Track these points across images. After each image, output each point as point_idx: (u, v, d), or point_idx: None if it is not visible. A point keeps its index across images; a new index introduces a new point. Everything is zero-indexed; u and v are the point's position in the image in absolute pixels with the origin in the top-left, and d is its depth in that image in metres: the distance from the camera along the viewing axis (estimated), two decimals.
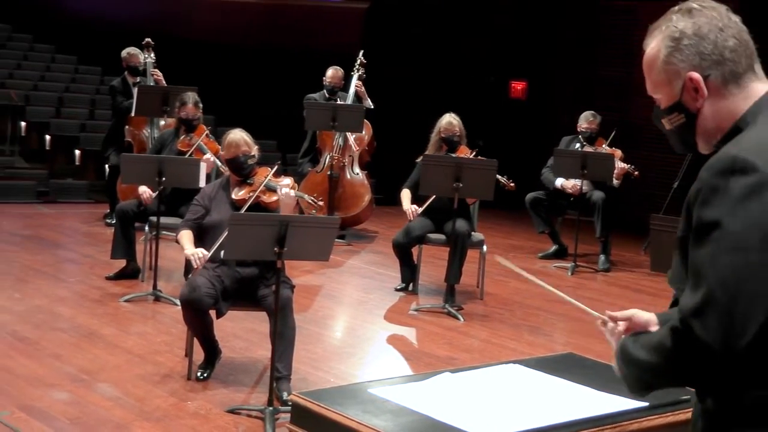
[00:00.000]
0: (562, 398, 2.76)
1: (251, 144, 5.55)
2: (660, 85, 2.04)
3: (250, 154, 5.52)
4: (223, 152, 5.59)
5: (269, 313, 5.14)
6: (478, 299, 7.84)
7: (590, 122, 9.45)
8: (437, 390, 2.78)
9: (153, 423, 4.74)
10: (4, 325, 6.21)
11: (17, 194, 11.38)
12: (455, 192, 7.05)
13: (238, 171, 5.54)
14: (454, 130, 7.68)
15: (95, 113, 13.44)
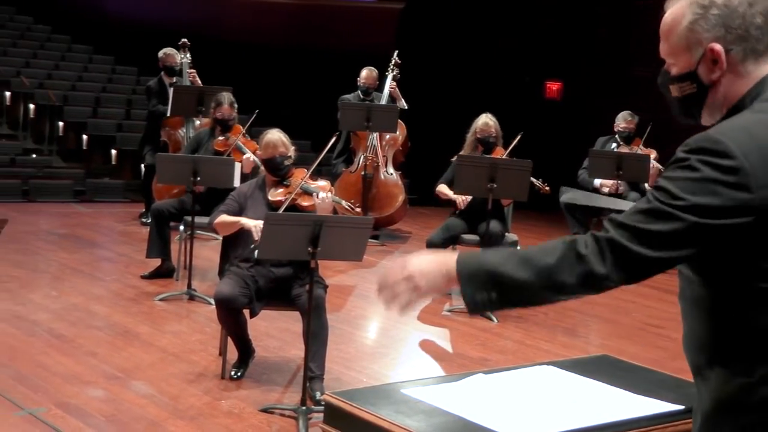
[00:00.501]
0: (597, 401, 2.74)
1: (288, 145, 5.54)
2: (678, 51, 1.96)
3: (287, 155, 5.51)
4: (260, 152, 5.59)
5: (302, 313, 5.15)
6: None
7: (628, 122, 9.38)
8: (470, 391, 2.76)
9: (187, 421, 4.77)
10: (42, 322, 6.28)
11: (55, 193, 11.51)
12: (489, 192, 7.02)
13: (275, 171, 5.53)
14: (490, 131, 7.63)
15: (131, 113, 13.55)
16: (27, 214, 10.32)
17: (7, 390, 5.00)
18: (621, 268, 1.86)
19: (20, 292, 6.98)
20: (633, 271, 1.88)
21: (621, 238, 1.86)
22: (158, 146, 9.60)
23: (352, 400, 2.64)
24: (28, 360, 5.52)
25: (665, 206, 1.82)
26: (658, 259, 1.86)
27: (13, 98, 13.40)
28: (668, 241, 1.83)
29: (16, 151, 12.44)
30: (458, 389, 2.77)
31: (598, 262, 1.87)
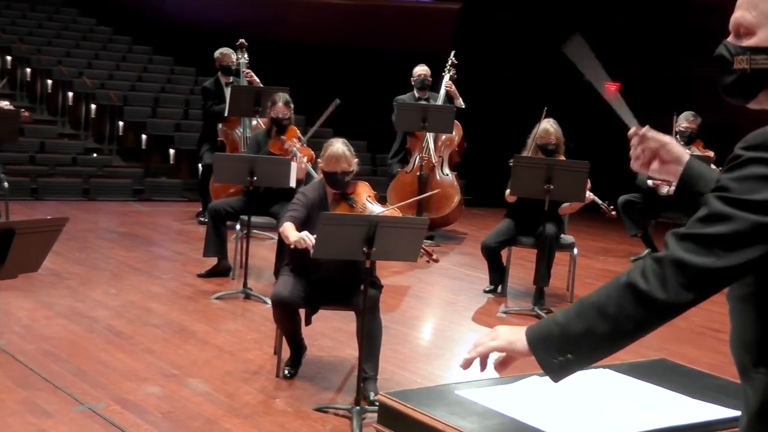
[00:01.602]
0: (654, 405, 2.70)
1: (351, 158, 5.36)
2: (762, 22, 1.86)
3: (349, 170, 5.35)
4: (322, 163, 5.41)
5: (357, 313, 5.15)
6: (568, 302, 7.73)
7: (690, 122, 9.25)
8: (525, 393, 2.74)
9: (242, 419, 4.80)
10: (101, 319, 6.37)
11: (114, 192, 11.68)
12: (546, 194, 6.96)
13: (333, 185, 5.39)
14: (550, 138, 7.45)
15: (189, 113, 13.69)
16: (87, 213, 10.48)
17: (68, 385, 5.08)
18: (687, 287, 1.79)
19: (80, 289, 7.09)
20: (700, 287, 1.80)
21: (683, 252, 1.78)
22: (215, 146, 9.68)
23: (406, 400, 2.63)
24: (87, 356, 5.60)
25: (725, 207, 1.75)
26: (725, 270, 1.77)
27: (75, 98, 13.63)
28: (732, 245, 1.75)
29: (78, 151, 12.64)
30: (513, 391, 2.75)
31: (661, 290, 1.80)
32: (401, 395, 2.70)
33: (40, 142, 12.31)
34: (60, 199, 11.14)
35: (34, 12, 16.59)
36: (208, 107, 9.84)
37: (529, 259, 7.99)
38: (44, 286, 7.03)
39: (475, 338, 2.16)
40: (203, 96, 10.06)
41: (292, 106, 7.76)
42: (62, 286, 7.14)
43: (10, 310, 6.32)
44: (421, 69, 9.87)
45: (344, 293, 5.27)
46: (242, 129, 9.68)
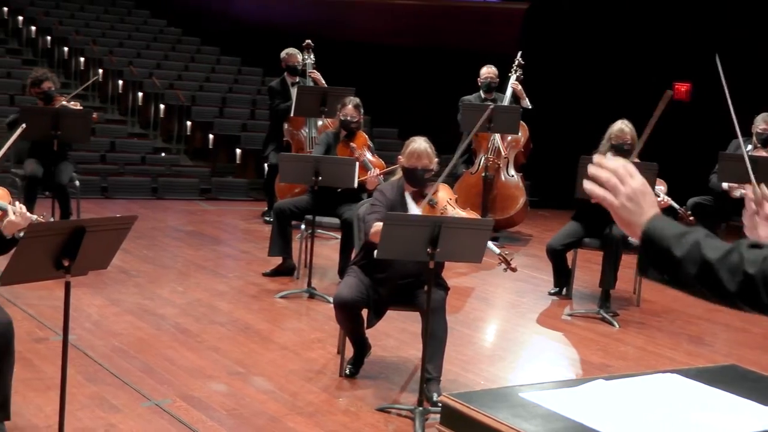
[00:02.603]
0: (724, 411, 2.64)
1: (432, 156, 5.34)
2: None
3: (429, 168, 5.32)
4: (403, 158, 5.36)
5: (422, 314, 5.13)
6: (635, 306, 7.64)
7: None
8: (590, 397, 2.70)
9: (305, 417, 4.82)
10: (168, 317, 6.45)
11: (182, 191, 11.84)
12: None
13: (413, 182, 5.35)
14: (626, 138, 7.30)
15: (256, 113, 13.83)
16: (155, 211, 10.64)
17: (135, 381, 5.16)
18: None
19: (148, 287, 7.20)
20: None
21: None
22: (281, 146, 9.75)
23: (469, 402, 2.62)
24: (154, 353, 5.68)
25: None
26: None
27: (145, 98, 13.86)
28: None
29: (147, 150, 12.85)
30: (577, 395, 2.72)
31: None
32: (464, 396, 2.69)
33: (111, 141, 12.55)
34: (129, 197, 11.34)
35: (107, 14, 16.93)
36: (274, 106, 9.91)
37: (595, 262, 7.90)
38: (113, 284, 7.15)
39: (613, 163, 2.12)
40: (269, 95, 10.13)
41: (361, 110, 7.74)
42: (131, 283, 7.26)
43: (81, 306, 6.44)
44: (488, 70, 9.81)
45: (411, 293, 5.25)
46: (308, 129, 9.73)
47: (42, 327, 5.98)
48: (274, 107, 9.92)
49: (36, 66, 13.32)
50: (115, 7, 17.36)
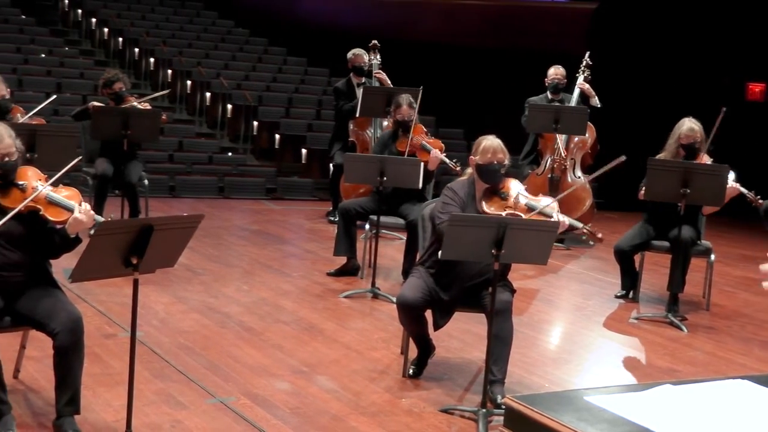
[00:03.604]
0: None
1: (506, 153, 5.29)
2: None
3: (504, 163, 5.27)
4: (477, 157, 5.29)
5: (488, 315, 5.10)
6: (704, 310, 7.51)
7: None
8: (657, 402, 2.67)
9: (368, 418, 4.83)
10: (233, 315, 6.52)
11: (248, 190, 11.97)
12: (682, 198, 6.75)
13: (489, 178, 5.27)
14: (696, 137, 7.19)
15: (322, 113, 13.92)
16: (221, 210, 10.76)
17: (200, 378, 5.21)
18: None
19: (214, 285, 7.27)
20: None
21: None
22: (347, 146, 9.79)
23: (533, 404, 2.61)
24: (219, 350, 5.74)
25: None
26: None
27: (213, 98, 14.02)
28: None
29: (214, 150, 13.01)
30: (644, 399, 2.69)
31: None
32: (528, 399, 2.68)
33: (179, 141, 12.73)
34: (196, 196, 11.49)
35: (177, 16, 17.18)
36: (339, 106, 9.96)
37: (663, 265, 7.79)
38: (180, 281, 7.24)
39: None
40: (335, 96, 10.18)
41: (416, 107, 7.74)
42: (197, 281, 7.34)
43: (148, 303, 6.53)
44: (555, 71, 9.71)
45: (477, 295, 5.23)
46: (373, 129, 9.76)
47: (111, 323, 6.08)
48: (339, 108, 9.97)
49: (108, 67, 13.56)
50: (185, 8, 17.62)
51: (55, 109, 11.85)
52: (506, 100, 11.67)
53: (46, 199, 4.37)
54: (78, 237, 4.38)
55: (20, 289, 4.41)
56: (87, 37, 16.41)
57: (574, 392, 2.84)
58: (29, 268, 4.44)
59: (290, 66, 15.83)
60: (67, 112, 11.37)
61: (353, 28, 14.74)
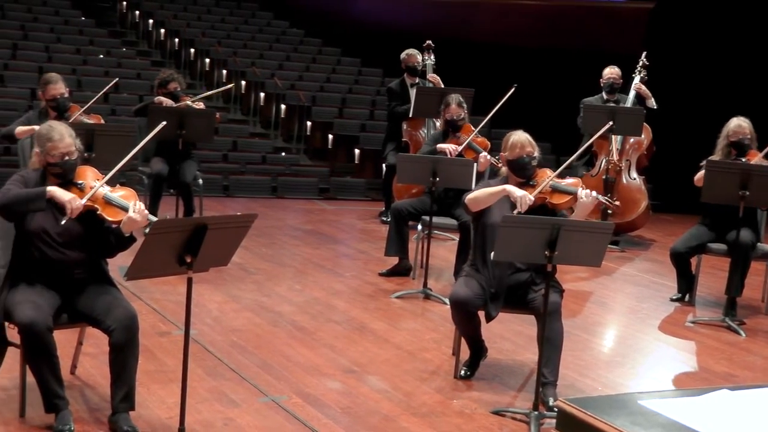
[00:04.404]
0: None
1: (534, 145, 5.35)
2: None
3: (533, 155, 5.32)
4: (506, 153, 5.35)
5: (537, 317, 5.07)
6: (763, 314, 7.39)
7: None
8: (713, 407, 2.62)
9: (419, 418, 4.83)
10: (285, 314, 6.55)
11: (301, 190, 12.04)
12: (741, 200, 6.65)
13: (521, 172, 5.31)
14: (744, 132, 7.12)
15: (375, 114, 13.95)
16: (275, 210, 10.83)
17: (253, 377, 5.25)
18: None
19: (266, 284, 7.32)
20: None
21: None
22: (400, 146, 9.80)
23: (585, 407, 2.58)
24: (272, 349, 5.78)
25: None
26: None
27: (267, 99, 14.13)
28: None
29: (267, 150, 13.10)
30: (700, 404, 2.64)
31: None
32: (581, 402, 2.64)
33: (233, 141, 12.85)
34: (249, 196, 11.59)
35: (233, 16, 17.34)
36: (392, 108, 9.97)
37: (720, 268, 7.68)
38: (233, 280, 7.30)
39: None
40: (388, 97, 10.20)
41: (465, 107, 7.73)
42: (249, 280, 7.40)
43: (202, 302, 6.60)
44: (611, 71, 9.63)
45: (524, 292, 5.20)
46: (426, 130, 9.76)
47: (165, 321, 6.16)
48: (392, 109, 9.98)
49: (164, 67, 13.73)
50: (240, 9, 17.77)
51: (112, 109, 12.05)
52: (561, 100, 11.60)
53: (104, 199, 4.43)
54: (132, 236, 4.44)
55: (78, 286, 4.48)
56: (144, 38, 16.64)
57: (627, 396, 2.81)
58: (87, 266, 4.51)
59: (344, 66, 15.88)
60: (125, 112, 11.58)
61: (407, 29, 14.75)
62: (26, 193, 4.37)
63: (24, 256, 4.44)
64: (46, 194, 4.34)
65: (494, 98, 8.02)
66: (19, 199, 4.34)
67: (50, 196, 4.34)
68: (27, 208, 4.37)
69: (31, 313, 4.20)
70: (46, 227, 4.40)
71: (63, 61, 13.62)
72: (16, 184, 4.43)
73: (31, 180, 4.50)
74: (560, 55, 13.50)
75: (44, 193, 4.34)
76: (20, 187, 4.42)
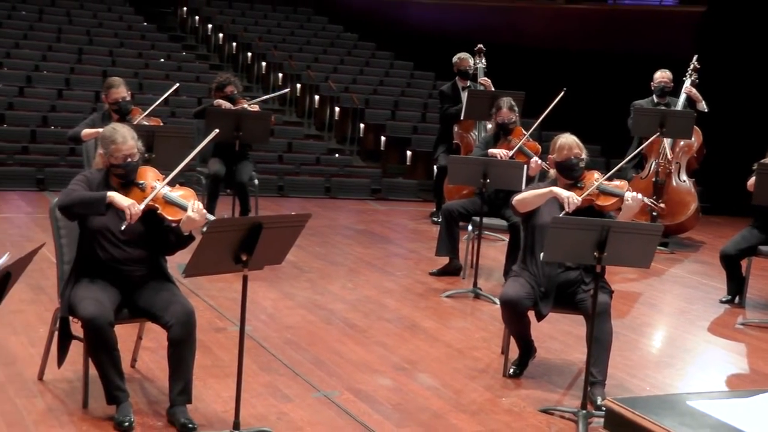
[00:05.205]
0: None
1: (582, 147, 5.41)
2: None
3: (581, 157, 5.38)
4: (554, 155, 5.43)
5: (586, 317, 5.12)
6: None
7: None
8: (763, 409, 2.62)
9: (468, 415, 4.89)
10: (338, 312, 6.67)
11: (353, 191, 12.16)
12: None
13: (568, 173, 5.38)
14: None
15: (427, 116, 14.03)
16: (328, 210, 10.97)
17: (306, 372, 5.36)
18: None
19: (320, 283, 7.45)
20: None
21: None
22: (451, 148, 9.87)
23: (634, 407, 2.59)
24: (324, 346, 5.89)
25: None
26: None
27: (321, 101, 14.29)
28: None
29: (321, 151, 13.24)
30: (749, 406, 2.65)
31: None
32: (629, 402, 2.65)
33: (288, 142, 13.02)
34: (304, 196, 11.73)
35: (288, 21, 17.54)
36: (444, 110, 10.05)
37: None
38: (287, 278, 7.43)
39: None
40: (440, 99, 10.28)
41: (516, 110, 7.79)
42: (303, 278, 7.53)
43: (257, 299, 6.74)
44: (662, 74, 9.59)
45: (573, 293, 5.26)
46: (477, 132, 9.82)
47: (221, 317, 6.30)
48: (443, 111, 10.06)
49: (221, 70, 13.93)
50: (296, 14, 17.96)
51: (172, 111, 12.28)
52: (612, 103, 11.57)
53: (164, 198, 4.56)
54: (191, 234, 4.56)
55: (138, 283, 4.61)
56: (203, 42, 16.92)
57: (676, 396, 2.79)
58: (147, 263, 4.64)
59: (397, 70, 15.98)
60: (184, 114, 11.80)
61: (458, 33, 14.80)
62: (88, 196, 4.49)
63: (88, 254, 4.58)
64: (106, 199, 4.46)
65: (545, 102, 8.05)
66: (81, 201, 4.48)
67: (110, 201, 4.46)
68: (87, 210, 4.51)
69: (93, 308, 4.33)
70: (108, 226, 4.53)
71: (126, 65, 13.93)
72: (79, 185, 4.57)
73: (95, 180, 4.64)
74: (610, 58, 13.44)
75: (105, 197, 4.46)
76: (84, 188, 4.55)
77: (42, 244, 3.65)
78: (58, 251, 4.79)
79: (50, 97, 12.69)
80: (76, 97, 12.86)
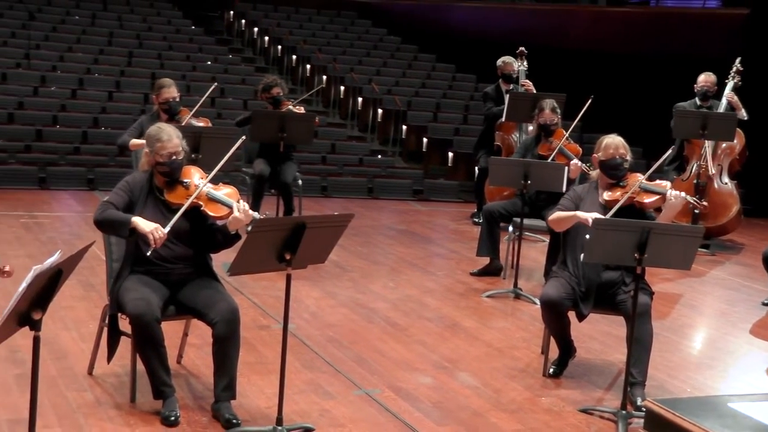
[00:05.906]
0: None
1: (628, 149, 5.43)
2: None
3: (626, 158, 5.40)
4: (599, 154, 5.43)
5: (626, 318, 5.14)
6: None
7: None
8: None
9: (508, 414, 4.93)
10: (379, 311, 6.74)
11: (395, 191, 12.24)
12: None
13: (612, 172, 5.39)
14: None
15: (468, 118, 14.07)
16: (370, 210, 11.05)
17: (348, 370, 5.43)
18: None
19: (361, 282, 7.53)
20: None
21: None
22: (492, 150, 9.92)
23: (674, 408, 2.62)
24: (366, 344, 5.96)
25: None
26: None
27: (364, 103, 14.39)
28: None
29: (364, 152, 13.34)
30: None
31: None
32: (670, 403, 2.67)
33: (331, 143, 13.14)
34: (346, 196, 11.83)
35: (332, 24, 17.67)
36: (488, 109, 10.10)
37: None
38: (330, 277, 7.52)
39: None
40: (483, 100, 10.33)
41: (558, 112, 7.82)
42: (345, 277, 7.61)
43: (300, 297, 6.83)
44: (705, 78, 9.53)
45: (614, 293, 5.27)
46: (518, 134, 9.85)
47: (265, 315, 6.39)
48: (486, 110, 10.11)
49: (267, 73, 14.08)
50: (340, 18, 18.08)
51: (218, 113, 12.44)
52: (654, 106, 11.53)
53: (207, 196, 4.66)
54: (238, 233, 4.65)
55: (184, 280, 4.71)
56: (249, 45, 17.11)
57: (717, 398, 2.79)
58: (193, 261, 4.74)
59: (439, 72, 16.03)
60: (230, 116, 11.95)
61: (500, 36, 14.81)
62: (116, 217, 4.57)
63: (135, 252, 4.67)
64: (129, 224, 4.53)
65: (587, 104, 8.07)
66: (109, 222, 4.58)
67: (134, 226, 4.53)
68: (113, 232, 4.65)
69: (141, 305, 4.43)
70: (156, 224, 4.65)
71: (174, 67, 14.14)
72: (119, 195, 4.67)
73: (137, 184, 4.73)
74: (652, 60, 13.38)
75: (128, 222, 4.53)
76: (124, 197, 4.66)
77: (92, 243, 3.75)
78: (107, 249, 4.91)
79: (101, 99, 12.94)
80: (126, 99, 13.10)
